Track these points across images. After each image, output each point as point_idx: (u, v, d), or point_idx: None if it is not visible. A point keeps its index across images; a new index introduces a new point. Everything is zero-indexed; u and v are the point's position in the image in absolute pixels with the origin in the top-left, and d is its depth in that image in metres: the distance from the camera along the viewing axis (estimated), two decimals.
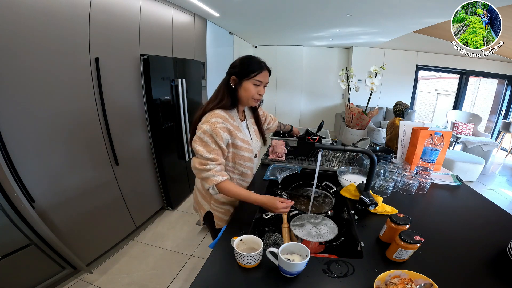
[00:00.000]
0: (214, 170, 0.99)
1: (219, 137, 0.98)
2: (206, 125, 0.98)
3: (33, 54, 1.24)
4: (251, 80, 1.02)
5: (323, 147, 1.05)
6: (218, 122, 1.00)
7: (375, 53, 5.27)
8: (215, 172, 0.98)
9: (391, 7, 2.47)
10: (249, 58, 1.06)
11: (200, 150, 0.97)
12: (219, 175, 0.99)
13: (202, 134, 0.97)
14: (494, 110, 5.13)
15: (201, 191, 1.22)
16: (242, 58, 1.06)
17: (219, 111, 1.04)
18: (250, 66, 1.02)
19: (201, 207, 1.24)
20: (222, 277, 0.74)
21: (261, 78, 1.03)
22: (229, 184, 1.02)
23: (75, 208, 1.61)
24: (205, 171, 0.98)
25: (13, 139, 1.23)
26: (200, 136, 0.98)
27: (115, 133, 1.80)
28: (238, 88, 1.04)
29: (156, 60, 2.07)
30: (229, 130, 1.04)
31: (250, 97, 1.05)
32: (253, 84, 1.03)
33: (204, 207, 1.21)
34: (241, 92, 1.05)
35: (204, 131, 0.97)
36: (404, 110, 1.77)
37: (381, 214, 1.05)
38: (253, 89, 1.04)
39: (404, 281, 0.66)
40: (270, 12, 2.85)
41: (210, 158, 0.98)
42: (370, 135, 4.01)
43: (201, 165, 0.98)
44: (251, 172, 1.23)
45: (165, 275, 1.79)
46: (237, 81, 1.03)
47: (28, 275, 1.43)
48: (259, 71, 1.03)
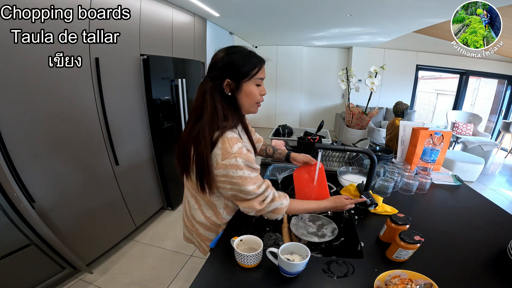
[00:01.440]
0: (276, 197, 0.83)
1: (254, 163, 0.78)
2: (234, 157, 0.73)
3: (33, 53, 1.24)
4: (252, 80, 0.79)
5: (323, 147, 1.05)
6: (242, 148, 0.76)
7: (375, 53, 5.27)
8: (278, 199, 0.83)
9: (391, 7, 2.47)
10: (240, 50, 0.79)
11: (250, 190, 0.76)
12: (284, 199, 0.85)
13: (239, 171, 0.74)
14: (494, 110, 5.13)
15: (204, 224, 0.97)
16: (230, 53, 0.78)
17: (230, 133, 0.78)
18: (247, 61, 0.77)
19: (205, 239, 1.00)
20: (222, 277, 0.74)
21: (262, 74, 0.81)
22: (295, 203, 0.90)
23: (75, 208, 1.61)
24: (270, 204, 0.82)
25: (13, 139, 1.23)
26: (237, 175, 0.74)
27: (115, 133, 1.80)
28: (236, 94, 0.79)
29: (156, 60, 2.07)
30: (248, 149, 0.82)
31: (253, 102, 0.83)
32: (255, 85, 0.80)
33: (210, 237, 0.99)
34: (241, 98, 0.80)
35: (237, 167, 0.73)
36: (404, 110, 1.77)
37: (381, 214, 1.05)
38: (256, 90, 0.81)
39: (404, 281, 0.66)
40: (270, 12, 2.85)
41: (265, 190, 0.81)
42: (370, 135, 4.00)
43: (262, 204, 0.80)
44: None
45: (165, 275, 1.79)
46: (233, 85, 0.78)
47: (28, 275, 1.43)
48: (260, 64, 0.80)
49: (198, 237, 1.03)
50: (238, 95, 0.80)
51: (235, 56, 0.77)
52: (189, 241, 1.12)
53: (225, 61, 0.77)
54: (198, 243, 1.06)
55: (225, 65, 0.77)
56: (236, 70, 0.77)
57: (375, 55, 5.24)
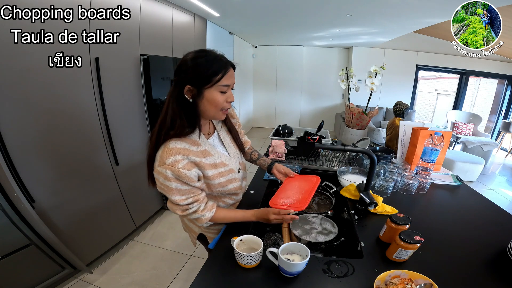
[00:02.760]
0: (199, 210, 0.84)
1: (187, 179, 0.77)
2: (165, 168, 0.75)
3: (33, 54, 1.24)
4: (215, 87, 0.76)
5: (323, 147, 1.06)
6: (177, 161, 0.76)
7: (375, 53, 5.27)
8: (201, 212, 0.85)
9: (391, 7, 2.47)
10: (205, 55, 0.76)
11: (174, 200, 0.79)
12: (208, 211, 0.86)
13: (167, 182, 0.76)
14: (494, 110, 5.13)
15: None
16: (195, 57, 0.76)
17: (174, 143, 0.77)
18: (210, 67, 0.74)
19: (191, 230, 1.09)
20: (222, 277, 0.74)
21: (228, 81, 0.77)
22: (220, 213, 0.90)
23: (75, 208, 1.61)
24: (192, 214, 0.84)
25: (13, 139, 1.23)
26: (166, 184, 0.77)
27: (115, 133, 1.80)
28: (198, 101, 0.77)
29: (156, 60, 2.07)
30: (195, 163, 0.81)
31: (218, 109, 0.80)
32: (219, 92, 0.77)
33: (195, 229, 1.06)
34: (204, 105, 0.78)
35: (165, 177, 0.76)
36: (404, 110, 1.77)
37: (381, 214, 1.05)
38: (220, 97, 0.78)
39: (404, 281, 0.66)
40: (270, 12, 2.85)
41: (190, 203, 0.82)
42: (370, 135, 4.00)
43: (184, 211, 0.83)
44: (240, 191, 1.05)
45: (165, 275, 1.79)
46: (194, 91, 0.76)
47: (28, 275, 1.43)
48: (224, 70, 0.76)
49: (187, 227, 1.12)
50: (200, 101, 0.78)
51: (199, 60, 0.75)
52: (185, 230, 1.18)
53: (188, 66, 0.75)
54: (189, 233, 1.14)
55: (188, 70, 0.75)
56: (198, 76, 0.74)
57: (375, 55, 5.24)
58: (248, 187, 1.30)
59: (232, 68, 0.80)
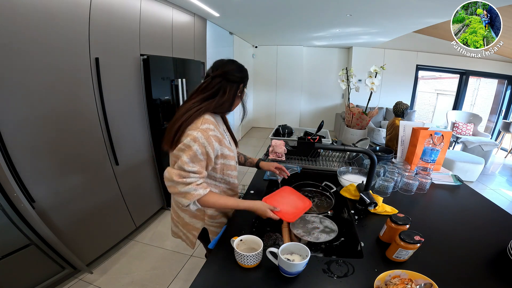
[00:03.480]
0: (195, 183, 0.87)
1: (211, 147, 0.87)
2: (198, 132, 0.85)
3: (33, 54, 1.24)
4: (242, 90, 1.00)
5: (323, 147, 1.06)
6: (210, 130, 0.88)
7: (375, 53, 5.27)
8: (196, 186, 0.87)
9: (391, 7, 2.47)
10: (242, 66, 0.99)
11: (184, 161, 0.84)
12: (201, 188, 0.88)
13: (192, 142, 0.84)
14: (494, 110, 5.13)
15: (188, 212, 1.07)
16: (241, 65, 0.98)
17: (209, 116, 0.92)
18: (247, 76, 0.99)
19: (192, 228, 1.08)
20: (222, 277, 0.74)
21: None
22: (213, 195, 0.91)
23: (75, 208, 1.61)
24: (184, 185, 0.85)
25: (13, 139, 1.23)
26: (189, 144, 0.84)
27: (115, 133, 1.80)
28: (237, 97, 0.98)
29: (156, 60, 2.07)
30: (219, 139, 0.93)
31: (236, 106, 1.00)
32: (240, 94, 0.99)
33: (197, 226, 1.07)
34: (237, 101, 0.99)
35: (194, 139, 0.84)
36: (404, 110, 1.78)
37: (381, 214, 1.05)
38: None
39: (404, 281, 0.66)
40: (270, 12, 2.85)
41: (193, 171, 0.86)
42: (370, 135, 4.01)
43: (180, 178, 0.85)
44: (237, 182, 1.13)
45: (165, 275, 1.79)
46: (242, 90, 0.98)
47: (28, 275, 1.43)
48: None
49: (184, 227, 1.10)
50: (237, 98, 0.97)
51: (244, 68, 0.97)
52: (176, 236, 1.18)
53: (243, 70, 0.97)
54: (185, 235, 1.12)
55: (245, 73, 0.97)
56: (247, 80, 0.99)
57: (375, 55, 5.24)
58: (248, 187, 1.31)
59: None
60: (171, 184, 0.86)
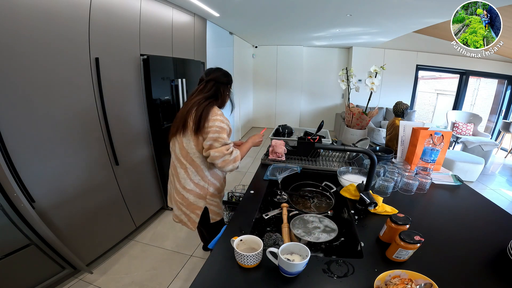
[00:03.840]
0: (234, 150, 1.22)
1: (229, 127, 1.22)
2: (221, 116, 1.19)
3: (33, 54, 1.24)
4: None
5: (323, 147, 1.06)
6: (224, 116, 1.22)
7: (375, 53, 5.27)
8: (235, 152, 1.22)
9: (391, 7, 2.47)
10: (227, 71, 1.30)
11: (224, 137, 1.16)
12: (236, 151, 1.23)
13: (222, 123, 1.16)
14: (494, 110, 5.13)
15: (194, 190, 1.27)
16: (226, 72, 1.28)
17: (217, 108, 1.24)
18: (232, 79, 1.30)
19: (196, 208, 1.30)
20: (222, 277, 0.74)
21: None
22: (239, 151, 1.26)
23: (75, 208, 1.61)
24: (231, 154, 1.18)
25: (13, 139, 1.23)
26: (221, 126, 1.16)
27: (115, 133, 1.80)
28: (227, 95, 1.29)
29: (156, 60, 2.07)
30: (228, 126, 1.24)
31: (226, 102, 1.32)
32: None
33: (200, 205, 1.29)
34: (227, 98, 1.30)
35: (222, 121, 1.17)
36: (404, 110, 1.78)
37: (381, 214, 1.05)
38: None
39: (404, 281, 0.66)
40: (270, 12, 2.85)
41: (229, 143, 1.19)
42: (370, 135, 4.01)
43: (228, 150, 1.17)
44: None
45: (165, 275, 1.79)
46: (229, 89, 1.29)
47: (28, 275, 1.43)
48: None
49: (188, 207, 1.29)
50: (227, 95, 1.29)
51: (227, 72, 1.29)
52: (178, 219, 1.36)
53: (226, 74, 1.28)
54: (188, 216, 1.31)
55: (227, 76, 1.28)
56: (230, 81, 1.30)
57: (375, 55, 5.24)
58: (248, 187, 1.31)
59: None
60: (224, 158, 1.16)
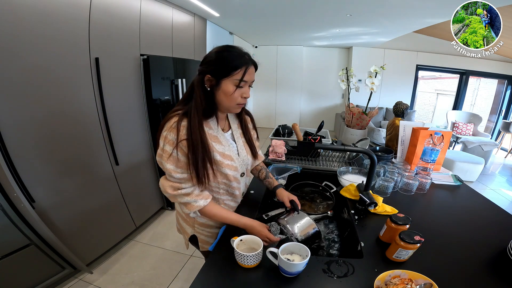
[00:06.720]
0: (193, 194, 0.81)
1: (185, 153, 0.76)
2: (170, 131, 0.75)
3: (33, 54, 1.24)
4: (232, 80, 0.77)
5: (323, 147, 1.06)
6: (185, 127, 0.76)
7: (375, 53, 5.27)
8: (195, 197, 0.81)
9: (391, 7, 2.47)
10: (228, 49, 0.78)
11: (169, 168, 0.76)
12: (201, 199, 0.82)
13: (167, 146, 0.75)
14: (494, 110, 5.13)
15: (181, 214, 1.04)
16: (220, 51, 0.78)
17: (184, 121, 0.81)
18: (231, 61, 0.76)
19: (184, 231, 1.06)
20: (222, 277, 0.74)
21: (246, 77, 0.78)
22: (214, 207, 0.86)
23: (75, 208, 1.61)
24: (182, 196, 0.80)
25: (13, 139, 1.23)
26: (165, 149, 0.75)
27: (115, 133, 1.80)
28: (215, 91, 0.79)
29: (156, 60, 2.07)
30: None
31: (232, 103, 0.81)
32: (234, 85, 0.78)
33: (187, 231, 1.03)
34: (220, 96, 0.79)
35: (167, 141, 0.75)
36: (404, 110, 1.77)
37: (381, 214, 1.05)
38: (236, 91, 0.79)
39: (404, 281, 0.66)
40: (270, 12, 2.85)
41: (183, 179, 0.78)
42: (370, 135, 4.00)
43: (175, 190, 0.79)
44: (239, 193, 1.02)
45: (165, 275, 1.79)
46: (213, 81, 0.78)
47: (28, 275, 1.43)
48: (245, 66, 0.77)
49: (180, 227, 1.09)
50: (217, 92, 0.80)
51: (224, 54, 0.77)
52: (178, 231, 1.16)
53: (212, 58, 0.78)
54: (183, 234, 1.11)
55: (211, 61, 0.78)
56: (218, 68, 0.76)
57: (375, 55, 5.24)
58: (248, 187, 1.30)
59: (254, 66, 0.81)
60: (171, 198, 0.82)
